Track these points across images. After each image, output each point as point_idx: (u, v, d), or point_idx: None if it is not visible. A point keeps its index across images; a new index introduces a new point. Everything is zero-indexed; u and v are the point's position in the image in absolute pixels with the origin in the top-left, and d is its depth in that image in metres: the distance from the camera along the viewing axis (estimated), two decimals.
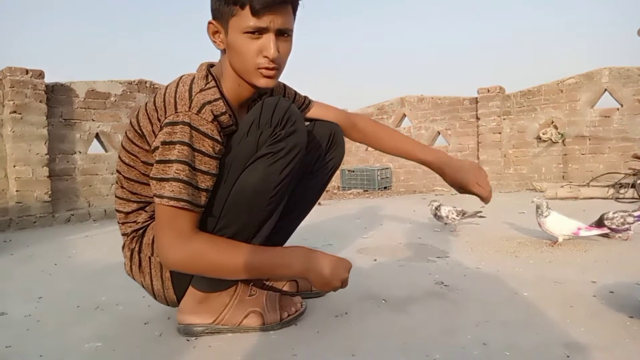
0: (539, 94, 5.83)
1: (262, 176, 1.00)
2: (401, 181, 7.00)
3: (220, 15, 0.98)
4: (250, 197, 1.01)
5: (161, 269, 1.08)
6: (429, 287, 1.45)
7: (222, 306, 1.11)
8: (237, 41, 0.97)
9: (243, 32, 0.96)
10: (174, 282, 1.08)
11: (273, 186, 1.01)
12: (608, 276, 1.49)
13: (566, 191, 4.39)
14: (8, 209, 3.68)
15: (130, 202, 1.12)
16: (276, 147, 1.00)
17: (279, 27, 0.97)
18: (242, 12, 0.94)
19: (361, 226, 2.93)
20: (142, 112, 1.05)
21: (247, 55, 0.98)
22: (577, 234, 1.97)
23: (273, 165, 1.00)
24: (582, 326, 1.07)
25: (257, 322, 1.11)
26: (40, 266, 2.04)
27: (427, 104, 6.76)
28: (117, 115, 4.54)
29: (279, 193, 1.04)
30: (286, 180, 1.03)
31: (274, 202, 1.04)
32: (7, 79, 3.70)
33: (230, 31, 0.98)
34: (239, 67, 1.01)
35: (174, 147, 0.93)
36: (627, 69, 5.28)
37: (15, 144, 3.71)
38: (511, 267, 1.67)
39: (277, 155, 1.00)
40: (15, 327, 1.22)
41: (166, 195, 0.93)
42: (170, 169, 0.93)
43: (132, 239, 1.11)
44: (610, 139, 5.37)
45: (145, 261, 1.08)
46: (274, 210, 1.07)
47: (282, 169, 1.01)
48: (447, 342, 1.01)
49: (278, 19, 0.96)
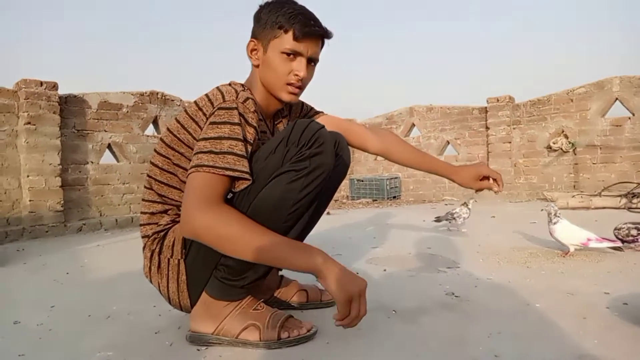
0: (549, 103, 5.80)
1: (282, 192, 1.01)
2: (410, 190, 6.97)
3: (262, 36, 1.14)
4: (268, 212, 1.02)
5: (178, 272, 1.10)
6: (440, 298, 1.44)
7: (225, 314, 1.10)
8: (275, 59, 1.13)
9: (281, 52, 1.12)
10: (189, 285, 1.10)
11: (292, 203, 1.02)
12: (621, 287, 1.47)
13: (577, 201, 4.34)
14: (21, 218, 3.73)
15: (155, 204, 1.16)
16: (299, 165, 1.01)
17: (311, 55, 1.14)
18: (284, 36, 1.11)
19: (370, 236, 2.92)
20: (182, 117, 1.12)
21: (280, 72, 1.13)
22: (586, 244, 1.94)
23: (294, 182, 1.01)
24: (595, 338, 1.06)
25: (255, 337, 1.09)
26: (53, 275, 2.06)
27: (436, 114, 6.76)
28: (129, 126, 4.60)
29: (297, 210, 1.04)
30: (306, 199, 1.03)
31: (291, 219, 1.04)
32: (22, 90, 3.77)
33: (269, 50, 1.13)
34: (270, 81, 1.16)
35: (225, 126, 1.01)
36: (638, 77, 5.24)
37: (29, 155, 3.77)
38: (523, 278, 1.66)
39: (300, 173, 1.01)
40: (28, 336, 1.23)
41: (219, 165, 0.97)
42: (223, 145, 0.99)
43: (153, 240, 1.14)
44: (621, 148, 5.32)
45: (164, 263, 1.11)
46: (292, 227, 1.07)
47: (302, 187, 1.01)
48: (459, 354, 1.00)
49: (312, 48, 1.14)
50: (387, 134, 1.49)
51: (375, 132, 1.48)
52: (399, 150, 1.46)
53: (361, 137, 1.44)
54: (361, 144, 1.45)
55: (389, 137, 1.48)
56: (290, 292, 1.37)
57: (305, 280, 1.56)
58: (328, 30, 1.16)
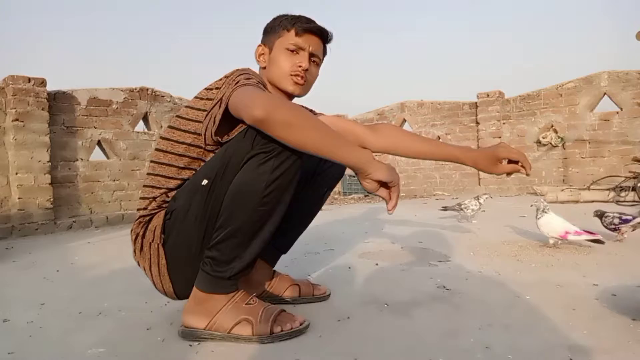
0: (539, 98, 5.85)
1: (253, 175, 1.01)
2: (402, 186, 6.99)
3: (269, 39, 1.25)
4: (242, 197, 1.03)
5: (158, 256, 1.14)
6: (431, 291, 1.45)
7: (217, 309, 1.10)
8: (281, 56, 1.22)
9: (285, 49, 1.21)
10: (169, 270, 1.14)
11: (264, 186, 1.01)
12: (610, 279, 1.49)
13: (567, 195, 4.39)
14: (10, 216, 3.69)
15: (151, 189, 1.18)
16: (268, 146, 1.00)
17: (312, 50, 1.23)
18: (287, 34, 1.21)
19: (362, 231, 2.93)
20: (193, 101, 1.17)
21: (285, 65, 1.21)
22: (564, 237, 1.96)
23: (264, 164, 1.01)
24: (584, 329, 1.07)
25: (247, 331, 1.08)
26: (43, 273, 2.04)
27: (427, 109, 6.78)
28: (118, 122, 4.56)
29: (272, 193, 1.03)
30: (280, 180, 1.02)
31: (268, 202, 1.03)
32: (9, 87, 3.72)
33: (274, 49, 1.23)
34: (276, 75, 1.23)
35: (241, 76, 1.09)
36: (626, 72, 5.30)
37: (17, 152, 3.73)
38: (513, 271, 1.67)
39: (269, 154, 1.00)
40: (18, 334, 1.22)
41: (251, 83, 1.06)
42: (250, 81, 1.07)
43: (138, 224, 1.18)
44: (610, 143, 5.38)
45: (147, 246, 1.15)
46: (272, 211, 1.06)
47: (273, 168, 1.01)
48: (450, 346, 1.01)
49: (313, 44, 1.23)
50: (387, 129, 1.41)
51: (375, 129, 1.40)
52: (406, 145, 1.36)
53: (360, 137, 1.37)
54: (361, 144, 1.34)
55: (391, 131, 1.40)
56: (282, 287, 1.37)
57: (298, 275, 1.56)
58: (326, 29, 1.25)
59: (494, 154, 1.27)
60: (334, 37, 1.29)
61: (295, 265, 1.92)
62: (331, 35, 1.27)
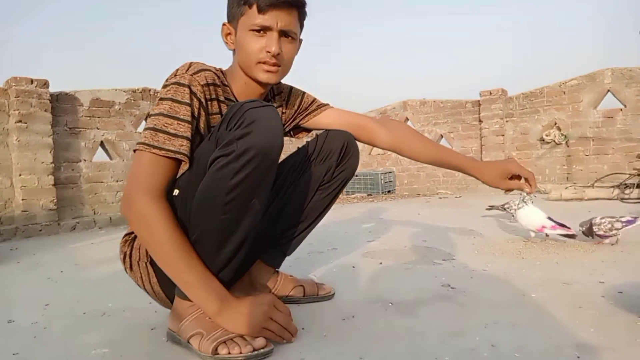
0: (542, 95, 5.83)
1: (212, 182, 0.93)
2: (404, 185, 6.99)
3: (232, 17, 1.08)
4: (203, 204, 0.96)
5: (148, 274, 1.10)
6: (436, 289, 1.45)
7: (185, 316, 1.04)
8: (246, 39, 1.05)
9: (249, 30, 1.04)
10: (162, 286, 1.10)
11: (224, 192, 0.92)
12: (616, 276, 1.48)
13: (571, 192, 4.37)
14: (14, 217, 3.70)
15: None
16: (226, 149, 0.91)
17: (283, 27, 1.04)
18: (249, 11, 1.03)
19: (366, 230, 2.93)
20: None
21: (251, 51, 1.05)
22: (541, 231, 1.99)
23: (222, 170, 0.91)
24: (591, 327, 1.06)
25: (195, 345, 0.99)
26: (47, 274, 2.04)
27: (429, 108, 6.76)
28: (121, 123, 4.57)
29: (234, 201, 0.93)
30: (244, 184, 0.92)
31: (232, 209, 0.94)
32: (12, 88, 3.73)
33: (239, 30, 1.07)
34: (244, 63, 1.08)
35: (166, 103, 0.99)
36: (629, 69, 5.27)
37: (20, 153, 3.73)
38: (518, 269, 1.66)
39: (227, 158, 0.90)
40: (23, 335, 1.22)
41: (154, 144, 0.96)
42: (159, 122, 0.98)
43: (125, 242, 1.14)
44: (614, 140, 5.36)
45: (135, 265, 1.11)
46: (239, 217, 0.96)
47: (233, 174, 0.90)
48: (456, 345, 1.01)
49: (282, 20, 1.04)
50: (398, 127, 1.34)
51: (386, 124, 1.33)
52: (412, 146, 1.30)
53: (370, 132, 1.31)
54: (370, 140, 1.32)
55: (401, 130, 1.33)
56: (286, 288, 1.37)
57: (302, 275, 1.56)
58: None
59: (506, 168, 1.24)
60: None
61: (299, 264, 1.91)
62: (303, 1, 1.08)
